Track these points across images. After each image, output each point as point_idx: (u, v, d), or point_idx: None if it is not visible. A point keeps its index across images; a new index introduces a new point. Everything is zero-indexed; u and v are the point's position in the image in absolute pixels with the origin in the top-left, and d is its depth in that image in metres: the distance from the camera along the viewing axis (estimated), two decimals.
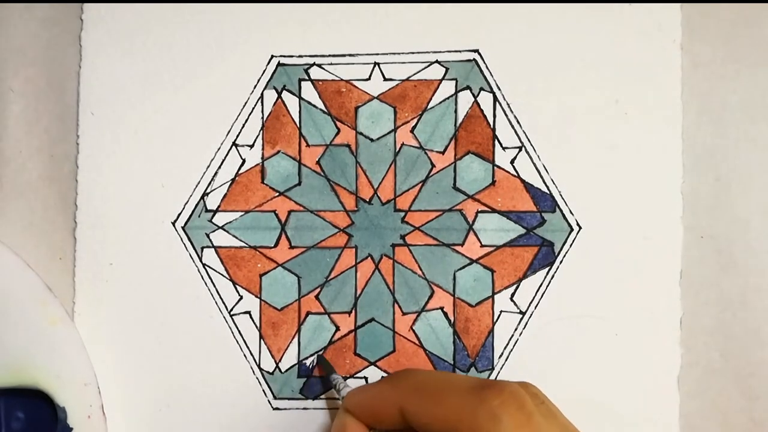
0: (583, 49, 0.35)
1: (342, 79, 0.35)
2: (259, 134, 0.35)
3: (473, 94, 0.35)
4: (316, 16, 0.35)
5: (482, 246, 0.35)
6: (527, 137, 0.35)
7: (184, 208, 0.35)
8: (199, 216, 0.35)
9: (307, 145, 0.35)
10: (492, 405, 0.25)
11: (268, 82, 0.36)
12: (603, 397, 0.34)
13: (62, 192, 0.36)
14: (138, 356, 0.35)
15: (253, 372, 0.35)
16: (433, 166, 0.35)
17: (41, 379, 0.33)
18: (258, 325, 0.35)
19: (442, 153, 0.35)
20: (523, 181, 0.35)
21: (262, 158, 0.35)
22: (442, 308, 0.35)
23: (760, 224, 0.34)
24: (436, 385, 0.27)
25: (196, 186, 0.35)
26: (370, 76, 0.35)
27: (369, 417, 0.29)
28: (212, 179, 0.35)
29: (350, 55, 0.35)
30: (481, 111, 0.35)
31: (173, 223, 0.35)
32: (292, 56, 0.36)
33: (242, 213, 0.35)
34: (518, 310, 0.34)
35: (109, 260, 0.35)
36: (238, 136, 0.35)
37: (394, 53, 0.35)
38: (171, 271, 0.35)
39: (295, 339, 0.35)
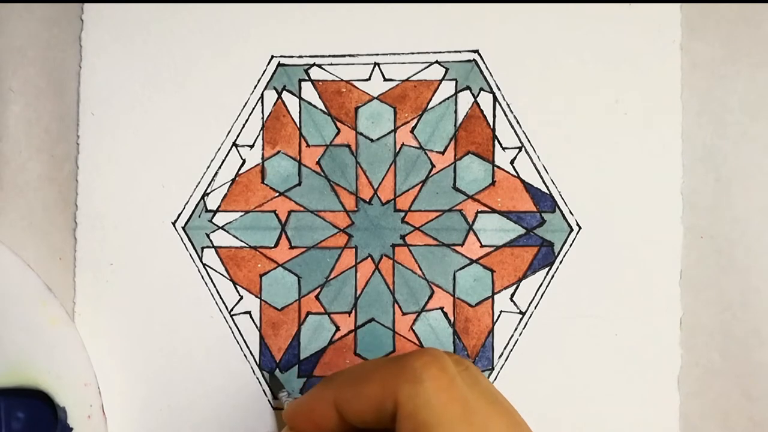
0: (583, 49, 0.35)
1: (342, 80, 0.35)
2: (259, 134, 0.36)
3: (473, 95, 0.35)
4: (316, 16, 0.35)
5: (482, 246, 0.35)
6: (527, 137, 0.35)
7: (184, 208, 0.35)
8: (199, 216, 0.35)
9: (307, 146, 0.35)
10: (414, 367, 0.25)
11: (268, 83, 0.36)
12: (603, 397, 0.34)
13: (62, 192, 0.36)
14: (138, 356, 0.35)
15: (253, 372, 0.35)
16: (433, 166, 0.35)
17: (41, 379, 0.33)
18: (258, 325, 0.35)
19: (442, 153, 0.35)
20: (523, 181, 0.35)
21: (262, 158, 0.35)
22: (442, 308, 0.35)
23: (760, 224, 0.34)
24: (363, 370, 0.27)
25: (196, 186, 0.35)
26: (370, 76, 0.35)
27: (309, 425, 0.28)
28: (212, 179, 0.35)
29: (350, 55, 0.35)
30: (481, 111, 0.35)
31: (173, 223, 0.35)
32: (292, 56, 0.36)
33: (242, 213, 0.35)
34: (518, 310, 0.34)
35: (109, 260, 0.35)
36: (238, 136, 0.35)
37: (394, 53, 0.35)
38: (171, 271, 0.35)
39: (296, 339, 0.35)
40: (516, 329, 0.34)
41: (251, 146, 0.35)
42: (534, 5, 0.35)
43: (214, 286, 0.35)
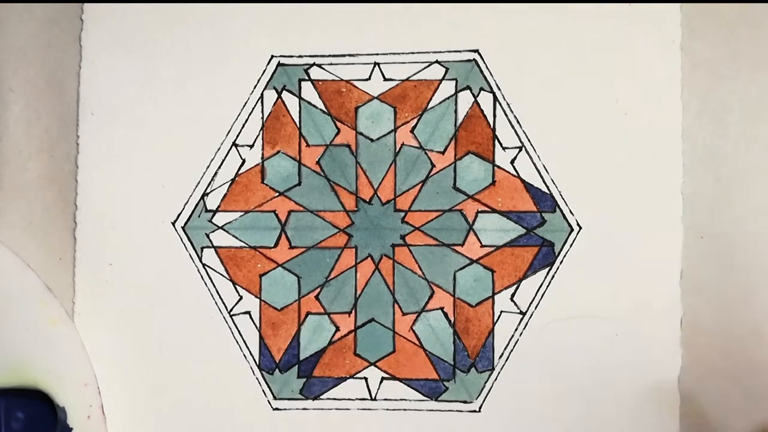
0: (583, 49, 0.35)
1: (342, 79, 0.35)
2: (259, 134, 0.36)
3: (473, 94, 0.35)
4: (316, 16, 0.35)
5: (482, 246, 0.35)
6: (527, 137, 0.35)
7: (184, 208, 0.35)
8: (199, 216, 0.35)
9: (307, 145, 0.35)
10: None
11: (268, 82, 0.36)
12: (603, 397, 0.34)
13: (62, 192, 0.36)
14: (138, 356, 0.35)
15: (253, 372, 0.35)
16: (433, 166, 0.35)
17: (41, 379, 0.33)
18: (258, 325, 0.35)
19: (442, 153, 0.35)
20: (523, 181, 0.35)
21: (262, 158, 0.35)
22: (442, 308, 0.35)
23: (760, 224, 0.34)
24: None
25: (196, 186, 0.35)
26: (370, 76, 0.35)
27: None
28: (212, 179, 0.35)
29: (350, 55, 0.35)
30: (481, 111, 0.35)
31: (173, 223, 0.35)
32: (292, 56, 0.36)
33: (242, 213, 0.35)
34: (518, 310, 0.34)
35: (109, 260, 0.35)
36: (238, 136, 0.35)
37: (394, 53, 0.35)
38: (171, 271, 0.35)
39: (295, 339, 0.35)
40: (516, 329, 0.34)
41: (251, 146, 0.35)
42: (534, 5, 0.35)
43: (214, 286, 0.35)
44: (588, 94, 0.34)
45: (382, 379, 0.34)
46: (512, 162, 0.35)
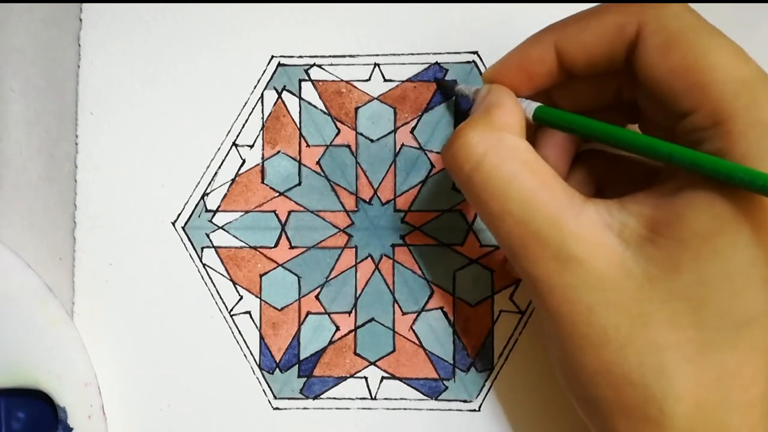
0: None
1: (342, 80, 0.35)
2: (259, 134, 0.36)
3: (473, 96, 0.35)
4: (316, 17, 0.35)
5: (482, 246, 0.35)
6: None
7: (184, 208, 0.35)
8: (199, 216, 0.35)
9: (307, 146, 0.35)
10: None
11: (268, 83, 0.36)
12: None
13: (62, 192, 0.36)
14: (138, 356, 0.35)
15: (253, 372, 0.35)
16: (432, 166, 0.35)
17: (41, 379, 0.33)
18: (258, 325, 0.35)
19: None
20: None
21: (262, 158, 0.36)
22: (441, 308, 0.35)
23: None
24: (591, 9, 0.26)
25: (196, 186, 0.35)
26: (370, 76, 0.35)
27: (517, 76, 0.27)
28: (212, 179, 0.35)
29: (350, 55, 0.35)
30: None
31: (173, 223, 0.35)
32: (292, 56, 0.36)
33: (242, 213, 0.35)
34: (518, 310, 0.34)
35: (109, 260, 0.35)
36: (238, 136, 0.36)
37: (394, 54, 0.35)
38: (171, 271, 0.35)
39: (295, 339, 0.35)
40: (516, 329, 0.34)
41: (251, 146, 0.36)
42: (534, 6, 0.35)
43: (214, 286, 0.35)
44: None
45: (382, 378, 0.35)
46: None
